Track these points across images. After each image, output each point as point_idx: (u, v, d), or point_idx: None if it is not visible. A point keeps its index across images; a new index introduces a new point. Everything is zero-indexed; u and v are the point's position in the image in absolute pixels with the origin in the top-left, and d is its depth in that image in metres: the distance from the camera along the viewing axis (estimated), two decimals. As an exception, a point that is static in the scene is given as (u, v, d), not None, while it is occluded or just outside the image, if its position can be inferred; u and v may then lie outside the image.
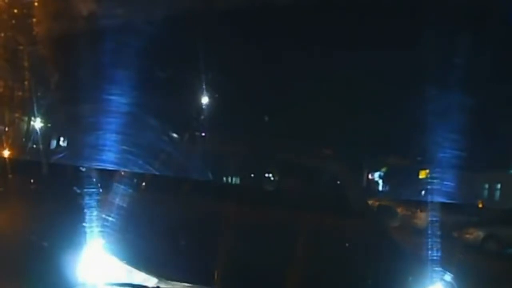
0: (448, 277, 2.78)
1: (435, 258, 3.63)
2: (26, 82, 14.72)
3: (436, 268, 2.88)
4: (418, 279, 2.69)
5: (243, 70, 17.04)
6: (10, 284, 4.04)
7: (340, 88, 17.42)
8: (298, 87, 17.60)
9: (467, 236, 13.39)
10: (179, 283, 2.48)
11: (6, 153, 8.92)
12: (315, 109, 18.02)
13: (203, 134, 14.33)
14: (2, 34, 14.01)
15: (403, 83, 15.83)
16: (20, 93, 15.24)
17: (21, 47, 13.76)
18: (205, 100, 19.72)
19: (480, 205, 19.86)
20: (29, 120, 17.70)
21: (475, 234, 13.40)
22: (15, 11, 13.22)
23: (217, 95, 19.26)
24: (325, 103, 18.02)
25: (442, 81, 11.87)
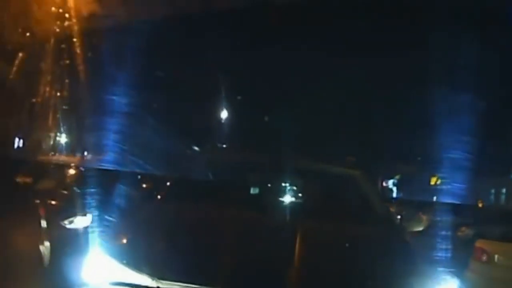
0: (455, 278, 2.90)
1: (443, 258, 4.03)
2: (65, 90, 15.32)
3: (444, 268, 3.00)
4: (427, 280, 2.75)
5: (258, 77, 17.24)
6: (12, 284, 3.98)
7: (354, 98, 17.85)
8: (312, 96, 17.68)
9: (459, 234, 13.73)
10: (179, 284, 2.48)
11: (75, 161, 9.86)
12: (331, 118, 18.19)
13: (224, 145, 14.81)
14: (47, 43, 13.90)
15: (415, 93, 15.94)
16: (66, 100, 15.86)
17: (63, 46, 13.98)
18: (222, 108, 19.90)
19: (480, 205, 20.08)
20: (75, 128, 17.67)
21: (466, 233, 13.74)
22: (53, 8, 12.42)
23: (235, 103, 19.43)
24: (339, 112, 18.36)
25: (452, 92, 12.43)
